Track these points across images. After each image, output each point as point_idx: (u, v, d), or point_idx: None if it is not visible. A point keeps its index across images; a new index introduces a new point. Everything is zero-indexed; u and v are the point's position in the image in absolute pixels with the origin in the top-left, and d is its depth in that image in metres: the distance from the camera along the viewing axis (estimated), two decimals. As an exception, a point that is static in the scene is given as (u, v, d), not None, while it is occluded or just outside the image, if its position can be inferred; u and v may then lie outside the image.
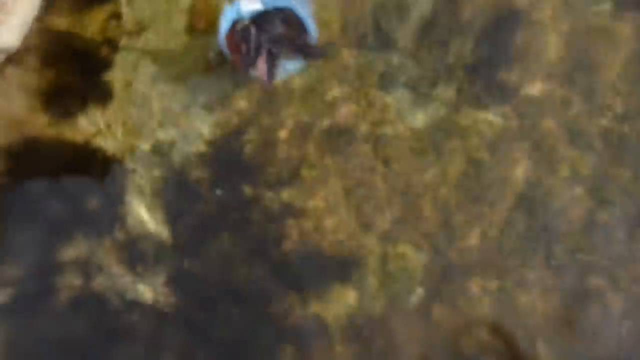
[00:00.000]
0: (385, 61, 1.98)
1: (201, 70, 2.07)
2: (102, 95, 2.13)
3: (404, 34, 1.97)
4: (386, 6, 1.98)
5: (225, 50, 1.85)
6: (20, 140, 2.10)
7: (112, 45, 2.13)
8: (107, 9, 2.14)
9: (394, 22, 1.97)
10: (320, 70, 2.00)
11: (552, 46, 1.95)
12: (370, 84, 1.98)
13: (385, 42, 1.97)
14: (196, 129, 2.05)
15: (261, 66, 1.70)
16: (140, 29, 2.10)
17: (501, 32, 1.98)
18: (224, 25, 1.79)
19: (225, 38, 1.80)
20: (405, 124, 1.98)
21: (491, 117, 1.96)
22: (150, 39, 2.10)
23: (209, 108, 2.04)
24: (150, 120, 2.07)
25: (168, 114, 2.06)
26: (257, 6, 1.73)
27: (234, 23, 1.76)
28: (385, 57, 1.98)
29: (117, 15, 2.13)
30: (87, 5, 2.17)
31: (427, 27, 1.99)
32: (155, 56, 2.09)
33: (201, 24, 2.06)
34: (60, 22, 2.20)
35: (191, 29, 2.08)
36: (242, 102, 2.02)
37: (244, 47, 1.71)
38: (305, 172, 2.01)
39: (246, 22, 1.73)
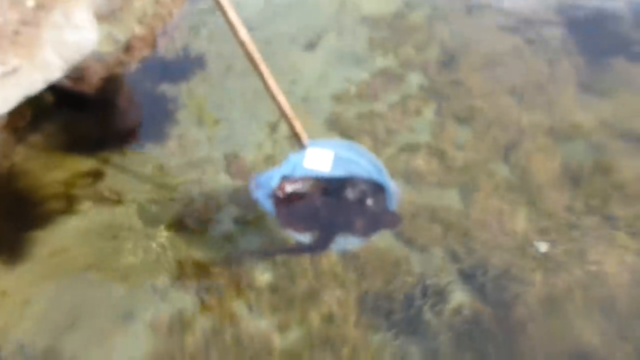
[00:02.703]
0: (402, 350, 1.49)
1: (165, 273, 1.51)
2: (15, 255, 1.50)
3: (438, 322, 1.53)
4: (427, 288, 1.59)
5: (264, 200, 1.39)
6: None
7: (70, 204, 1.63)
8: (90, 162, 1.72)
9: (430, 308, 1.56)
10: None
11: None
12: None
13: (414, 326, 1.50)
14: (128, 354, 1.38)
15: (318, 242, 1.36)
16: (117, 201, 1.64)
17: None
18: (276, 174, 1.38)
19: (276, 191, 1.38)
20: None
21: None
22: (120, 215, 1.61)
23: (154, 328, 1.41)
24: (63, 318, 1.40)
25: (93, 319, 1.42)
26: (324, 169, 1.40)
27: (286, 178, 1.39)
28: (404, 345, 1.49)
29: (98, 175, 1.69)
30: (69, 147, 1.75)
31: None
32: (116, 233, 1.56)
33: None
34: (21, 151, 1.73)
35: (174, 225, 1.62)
36: (194, 335, 1.42)
37: (300, 210, 1.36)
38: None
39: (309, 181, 1.38)
